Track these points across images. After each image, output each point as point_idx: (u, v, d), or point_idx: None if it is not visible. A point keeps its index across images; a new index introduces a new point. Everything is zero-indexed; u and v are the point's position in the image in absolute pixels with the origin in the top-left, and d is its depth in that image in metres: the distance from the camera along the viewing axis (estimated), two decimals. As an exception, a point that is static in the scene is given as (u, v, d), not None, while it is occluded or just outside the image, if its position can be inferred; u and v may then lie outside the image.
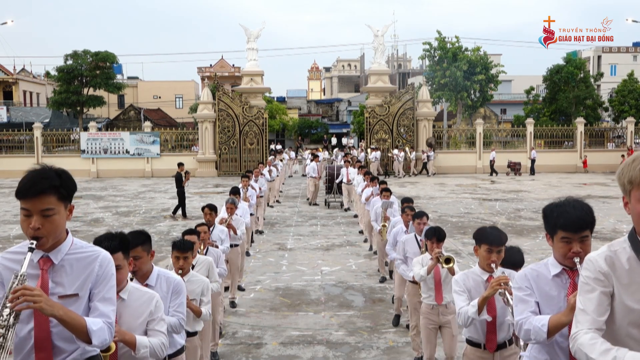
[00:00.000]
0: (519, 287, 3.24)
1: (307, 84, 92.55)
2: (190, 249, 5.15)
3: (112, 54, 44.98)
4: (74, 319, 2.69)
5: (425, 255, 6.09)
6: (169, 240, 13.78)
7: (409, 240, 6.93)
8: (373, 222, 10.30)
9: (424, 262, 5.99)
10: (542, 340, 3.06)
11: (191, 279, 5.17)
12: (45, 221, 2.74)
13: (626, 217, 16.86)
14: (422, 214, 6.98)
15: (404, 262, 6.93)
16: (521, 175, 30.24)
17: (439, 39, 39.66)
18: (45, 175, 2.78)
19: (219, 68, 66.60)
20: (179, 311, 4.17)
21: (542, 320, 3.05)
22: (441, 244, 5.83)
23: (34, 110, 51.07)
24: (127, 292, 3.58)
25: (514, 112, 51.12)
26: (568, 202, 3.13)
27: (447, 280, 5.90)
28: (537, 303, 3.17)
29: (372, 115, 31.42)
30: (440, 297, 5.92)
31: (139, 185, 27.47)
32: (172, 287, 4.15)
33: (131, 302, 3.53)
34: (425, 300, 6.04)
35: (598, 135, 35.92)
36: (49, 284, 2.80)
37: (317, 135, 58.82)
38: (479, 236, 4.43)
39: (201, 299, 5.19)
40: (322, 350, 7.11)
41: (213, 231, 7.60)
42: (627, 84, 41.68)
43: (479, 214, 17.80)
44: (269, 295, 9.49)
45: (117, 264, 3.23)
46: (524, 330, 3.12)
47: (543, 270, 3.21)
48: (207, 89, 32.55)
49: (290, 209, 19.59)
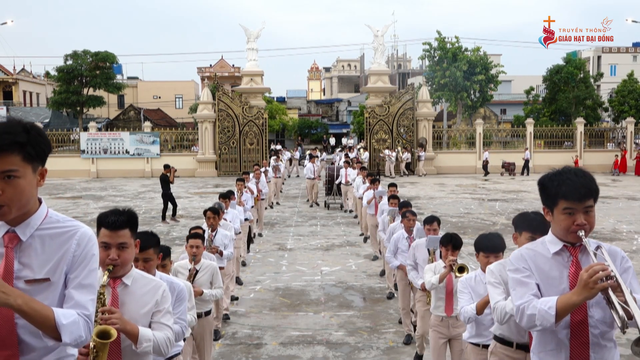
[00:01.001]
0: (515, 269, 2.92)
1: (307, 84, 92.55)
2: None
3: (112, 54, 44.99)
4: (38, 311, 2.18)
5: (439, 262, 5.76)
6: (168, 241, 13.78)
7: (419, 246, 6.51)
8: (380, 232, 9.65)
9: (436, 270, 5.68)
10: (549, 326, 2.74)
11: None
12: (5, 185, 2.23)
13: (626, 217, 16.85)
14: (433, 219, 6.59)
15: (414, 269, 6.56)
16: (515, 176, 30.24)
17: (439, 39, 39.67)
18: (8, 129, 2.25)
19: (219, 68, 66.59)
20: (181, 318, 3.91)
21: (549, 302, 2.72)
22: (457, 252, 5.45)
23: (34, 110, 51.09)
24: (131, 277, 3.22)
25: (513, 112, 51.15)
26: (568, 169, 2.86)
27: None
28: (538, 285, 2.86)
29: (372, 115, 31.43)
30: (451, 309, 5.59)
31: (138, 185, 27.46)
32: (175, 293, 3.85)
33: (135, 290, 3.18)
34: (434, 312, 5.71)
35: (598, 135, 35.93)
36: (14, 265, 2.29)
37: (317, 135, 58.84)
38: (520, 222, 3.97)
39: None
40: (322, 351, 7.11)
41: (216, 236, 7.35)
42: (627, 84, 41.70)
43: (479, 214, 17.81)
44: (269, 296, 9.49)
45: (122, 242, 3.07)
46: (527, 315, 2.78)
47: (540, 249, 2.92)
48: (207, 89, 32.55)
49: (290, 209, 19.59)
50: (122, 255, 3.09)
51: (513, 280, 2.92)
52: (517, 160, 31.34)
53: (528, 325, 2.83)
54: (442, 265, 5.58)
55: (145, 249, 3.70)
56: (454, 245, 5.43)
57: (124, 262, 3.12)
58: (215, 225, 7.39)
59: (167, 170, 17.13)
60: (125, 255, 3.11)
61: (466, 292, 4.50)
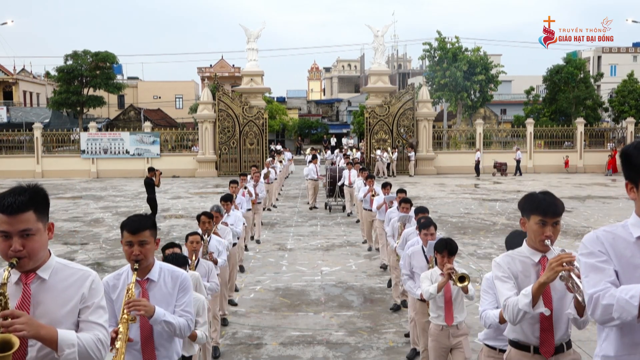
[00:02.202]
0: (590, 253, 2.59)
1: (307, 84, 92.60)
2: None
3: (112, 54, 45.00)
4: None
5: (435, 269, 5.45)
6: (168, 241, 13.78)
7: (416, 253, 6.15)
8: (389, 237, 8.98)
9: (433, 278, 5.37)
10: (631, 319, 2.37)
11: None
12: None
13: (626, 217, 16.93)
14: (429, 224, 6.18)
15: (410, 278, 6.18)
16: (507, 176, 30.20)
17: (439, 39, 39.67)
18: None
19: (219, 68, 66.60)
20: (187, 311, 3.66)
21: (631, 291, 2.37)
22: (453, 258, 5.21)
23: (34, 111, 51.08)
24: (49, 270, 2.68)
25: (514, 113, 51.15)
26: None
27: (459, 299, 5.38)
28: (616, 272, 2.54)
29: (372, 115, 31.43)
30: (451, 317, 5.32)
31: (139, 185, 27.42)
32: (179, 282, 3.67)
33: (55, 284, 2.66)
34: (433, 321, 5.43)
35: (598, 135, 35.93)
36: None
37: (317, 135, 58.86)
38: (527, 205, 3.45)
39: (197, 319, 4.56)
40: (322, 351, 7.11)
41: (210, 241, 7.08)
42: (627, 84, 41.68)
43: (479, 214, 17.80)
44: (269, 296, 9.49)
45: (25, 228, 2.55)
46: (603, 306, 2.44)
47: (621, 232, 2.62)
48: (207, 89, 32.56)
49: (290, 209, 19.59)
50: (29, 244, 2.57)
51: (586, 266, 2.60)
52: (509, 161, 31.30)
53: (603, 318, 2.47)
54: (439, 273, 5.30)
55: (139, 231, 3.51)
56: (449, 251, 5.19)
57: (31, 254, 2.59)
58: (209, 230, 7.13)
59: (151, 173, 16.16)
60: (32, 245, 2.59)
61: (490, 294, 3.99)
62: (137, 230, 3.52)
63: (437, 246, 5.27)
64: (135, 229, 3.52)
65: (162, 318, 3.46)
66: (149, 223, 3.61)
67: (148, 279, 3.62)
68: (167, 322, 3.49)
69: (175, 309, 3.65)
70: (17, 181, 29.03)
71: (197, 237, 6.16)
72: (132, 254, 3.50)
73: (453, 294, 5.33)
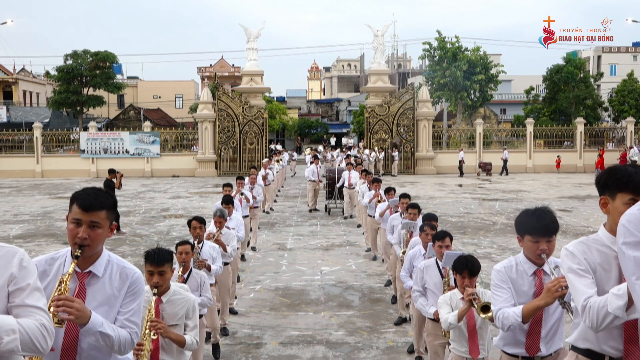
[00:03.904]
0: None
1: (307, 84, 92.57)
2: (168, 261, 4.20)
3: (112, 54, 45.03)
4: None
5: (454, 292, 4.68)
6: (168, 241, 13.78)
7: (429, 268, 5.50)
8: (395, 245, 8.34)
9: (453, 303, 4.60)
10: None
11: (172, 299, 4.25)
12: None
13: (626, 217, 16.88)
14: (445, 235, 5.56)
15: (422, 295, 5.55)
16: (492, 176, 30.16)
17: (439, 39, 39.68)
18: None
19: (219, 68, 66.61)
20: (132, 321, 2.91)
21: None
22: (475, 280, 4.47)
23: (34, 110, 51.12)
24: None
25: (513, 112, 51.19)
26: None
27: (485, 327, 4.61)
28: None
29: (372, 115, 31.43)
30: (477, 350, 4.55)
31: (138, 185, 27.47)
32: (128, 282, 2.93)
33: None
34: (455, 351, 4.67)
35: (598, 135, 35.94)
36: None
37: (317, 135, 58.86)
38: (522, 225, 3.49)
39: (186, 323, 4.27)
40: (321, 350, 7.11)
41: (203, 248, 6.64)
42: (627, 84, 41.72)
43: (479, 213, 17.80)
44: (269, 295, 9.49)
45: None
46: None
47: None
48: (207, 89, 32.57)
49: (290, 208, 19.58)
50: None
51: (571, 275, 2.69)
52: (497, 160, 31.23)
53: None
54: (460, 297, 4.56)
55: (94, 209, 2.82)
56: (470, 272, 4.44)
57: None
58: (201, 236, 6.67)
59: (112, 175, 15.41)
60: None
61: (504, 288, 3.52)
62: (91, 207, 2.80)
63: (457, 266, 4.52)
64: (89, 205, 2.81)
65: (98, 328, 2.69)
66: (107, 202, 2.90)
67: (90, 272, 2.86)
68: (104, 335, 2.72)
69: (118, 316, 2.90)
70: (17, 180, 29.03)
71: (187, 246, 5.60)
72: (76, 236, 2.78)
73: (478, 322, 4.55)
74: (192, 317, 4.32)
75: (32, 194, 24.24)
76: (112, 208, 2.94)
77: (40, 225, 16.43)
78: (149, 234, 14.67)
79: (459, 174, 30.23)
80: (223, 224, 7.63)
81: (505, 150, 31.42)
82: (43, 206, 20.40)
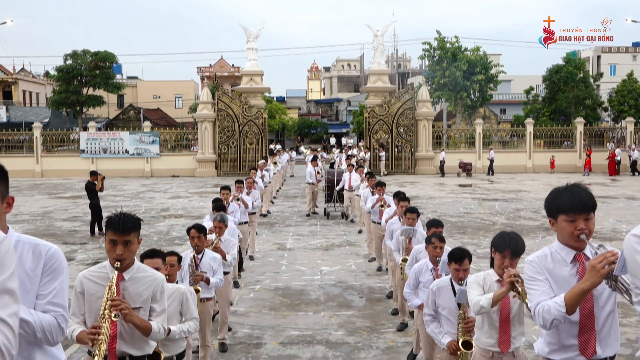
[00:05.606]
0: None
1: (306, 84, 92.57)
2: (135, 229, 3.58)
3: (112, 54, 45.04)
4: None
5: (488, 273, 4.06)
6: (168, 240, 13.79)
7: (442, 289, 4.76)
8: (395, 252, 7.82)
9: (486, 285, 3.98)
10: None
11: (135, 276, 3.64)
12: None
13: (626, 217, 16.85)
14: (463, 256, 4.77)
15: (435, 320, 4.82)
16: (472, 176, 30.13)
17: (439, 39, 39.68)
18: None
19: (218, 68, 66.60)
20: (55, 303, 2.61)
21: None
22: (517, 261, 3.92)
23: (34, 110, 51.10)
24: None
25: (513, 112, 51.17)
26: None
27: (519, 315, 4.02)
28: None
29: (372, 115, 31.42)
30: (507, 343, 3.95)
31: (138, 185, 27.46)
32: (43, 260, 2.59)
33: None
34: (481, 343, 4.07)
35: (598, 135, 35.94)
36: None
37: (316, 135, 58.86)
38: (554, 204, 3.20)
39: (152, 306, 3.62)
40: (321, 350, 7.11)
41: (202, 259, 6.06)
42: (627, 84, 41.72)
43: (479, 213, 17.80)
44: (269, 295, 9.49)
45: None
46: None
47: None
48: (207, 89, 32.56)
49: (290, 209, 19.57)
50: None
51: None
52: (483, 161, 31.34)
53: None
54: (495, 279, 3.97)
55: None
56: (513, 252, 3.88)
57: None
58: (201, 246, 6.06)
59: (93, 177, 15.22)
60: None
61: (541, 280, 3.13)
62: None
63: (499, 244, 3.95)
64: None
65: None
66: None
67: None
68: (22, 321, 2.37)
69: (38, 301, 2.58)
70: (17, 180, 29.01)
71: (174, 258, 5.05)
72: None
73: (512, 310, 3.96)
74: (160, 300, 3.64)
75: (31, 193, 24.23)
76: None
77: (40, 225, 16.43)
78: (148, 234, 14.66)
79: (441, 174, 30.25)
80: (223, 229, 7.03)
81: (492, 150, 31.43)
82: (43, 206, 20.40)
